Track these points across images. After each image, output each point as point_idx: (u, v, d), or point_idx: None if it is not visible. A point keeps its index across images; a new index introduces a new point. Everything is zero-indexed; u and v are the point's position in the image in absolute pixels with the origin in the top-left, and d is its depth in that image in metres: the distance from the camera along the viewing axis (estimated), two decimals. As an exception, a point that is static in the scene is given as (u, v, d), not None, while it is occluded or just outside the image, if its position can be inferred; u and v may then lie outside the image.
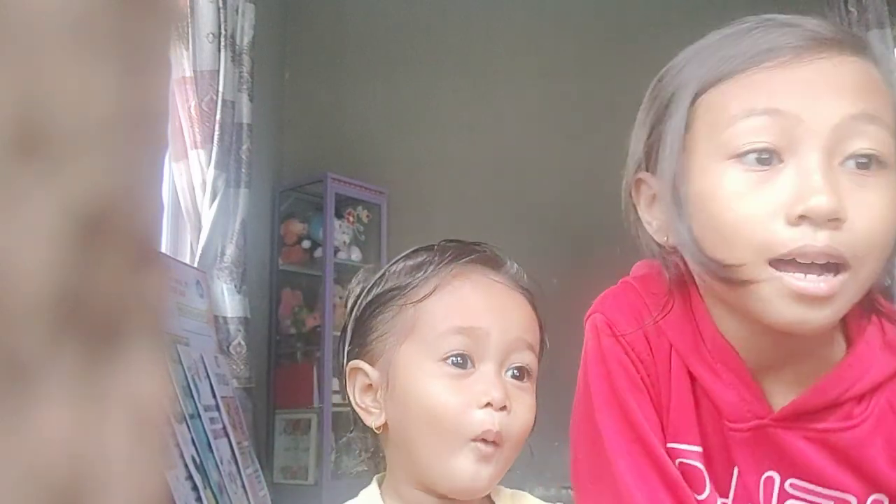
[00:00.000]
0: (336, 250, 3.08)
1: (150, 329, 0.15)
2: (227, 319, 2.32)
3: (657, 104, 0.64)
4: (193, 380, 1.76)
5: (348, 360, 0.72)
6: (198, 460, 1.63)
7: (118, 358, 0.14)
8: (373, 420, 0.69)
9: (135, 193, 0.14)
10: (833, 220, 0.52)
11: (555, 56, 3.58)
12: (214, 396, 1.88)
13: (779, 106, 0.55)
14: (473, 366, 0.66)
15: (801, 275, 0.54)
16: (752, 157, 0.55)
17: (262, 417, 2.81)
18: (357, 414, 0.70)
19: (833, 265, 0.54)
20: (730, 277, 0.57)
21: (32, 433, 0.12)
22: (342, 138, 3.33)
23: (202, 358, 1.89)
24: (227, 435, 1.88)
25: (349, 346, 0.73)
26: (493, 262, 0.73)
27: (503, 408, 0.64)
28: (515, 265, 0.75)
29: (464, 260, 0.71)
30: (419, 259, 0.72)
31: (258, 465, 2.14)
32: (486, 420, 0.64)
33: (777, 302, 0.55)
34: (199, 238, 2.27)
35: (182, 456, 1.55)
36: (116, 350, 0.14)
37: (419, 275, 0.70)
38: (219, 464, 1.75)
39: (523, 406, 0.67)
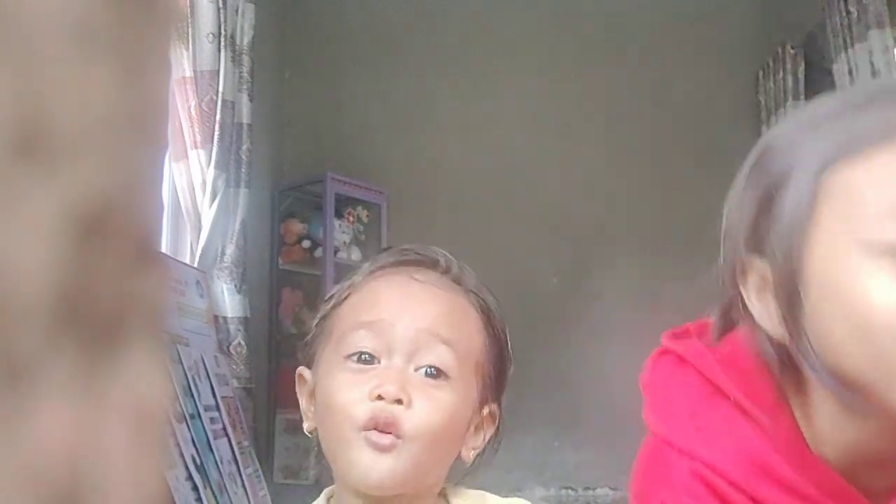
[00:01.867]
0: (336, 250, 3.08)
1: (150, 329, 0.15)
2: (227, 319, 2.32)
3: (767, 178, 0.56)
4: (193, 380, 1.76)
5: (301, 363, 0.74)
6: (198, 460, 1.63)
7: (118, 358, 0.14)
8: (306, 424, 0.70)
9: (135, 193, 0.14)
10: None
11: (554, 56, 3.58)
12: (214, 396, 1.88)
13: None
14: (379, 362, 0.65)
15: None
16: None
17: (263, 417, 2.81)
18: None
19: None
20: (865, 375, 0.50)
21: (32, 433, 0.12)
22: (342, 138, 3.33)
23: (202, 358, 1.89)
24: (227, 435, 1.88)
25: (303, 353, 0.74)
26: (424, 266, 0.71)
27: (398, 401, 0.63)
28: (457, 269, 0.72)
29: (391, 262, 0.71)
30: (360, 265, 0.74)
31: (258, 465, 2.14)
32: (374, 407, 0.62)
33: None
34: (199, 238, 2.27)
35: (182, 456, 1.55)
36: (116, 350, 0.14)
37: (348, 280, 0.72)
38: (219, 464, 1.75)
39: (430, 403, 0.64)
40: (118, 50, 0.14)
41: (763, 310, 0.55)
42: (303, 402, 0.72)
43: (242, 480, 1.89)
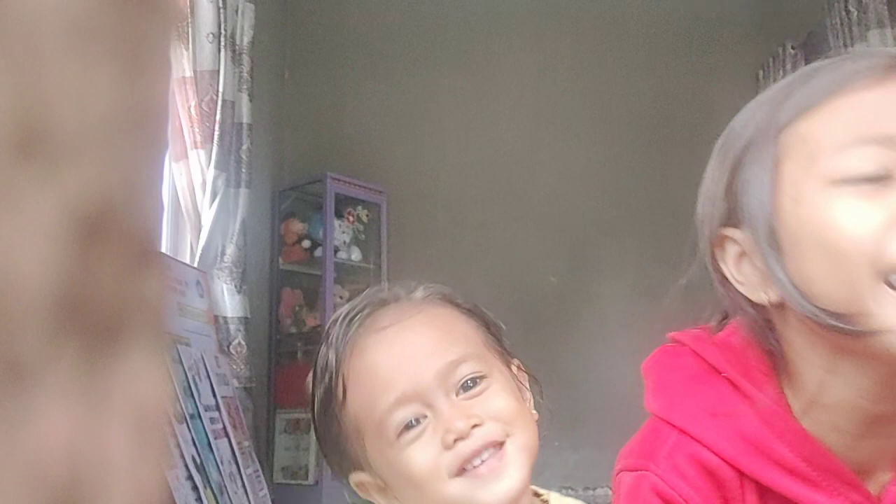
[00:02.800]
0: (336, 250, 3.08)
1: (150, 329, 0.15)
2: (227, 319, 2.32)
3: (732, 154, 0.60)
4: (194, 380, 1.76)
5: (343, 474, 0.71)
6: (198, 460, 1.63)
7: (118, 358, 0.14)
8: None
9: (135, 194, 0.14)
10: None
11: (554, 56, 3.58)
12: (215, 396, 1.88)
13: (884, 132, 0.51)
14: (426, 417, 0.64)
15: None
16: (863, 181, 0.52)
17: (263, 417, 2.81)
18: None
19: None
20: (841, 308, 0.52)
21: (32, 434, 0.12)
22: (342, 138, 3.33)
23: (202, 358, 1.89)
24: (227, 435, 1.88)
25: (332, 461, 0.72)
26: (377, 308, 0.69)
27: (474, 426, 0.62)
28: (401, 290, 0.71)
29: (350, 333, 0.68)
30: (320, 357, 0.70)
31: (258, 465, 2.14)
32: (459, 452, 0.62)
33: None
34: (199, 238, 2.27)
35: (182, 456, 1.55)
36: (117, 350, 0.14)
37: (327, 379, 0.68)
38: (219, 464, 1.75)
39: (490, 402, 0.64)
40: (118, 50, 0.14)
41: (743, 278, 0.58)
42: (382, 502, 0.70)
43: (242, 480, 1.89)
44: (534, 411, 0.70)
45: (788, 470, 0.56)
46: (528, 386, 0.72)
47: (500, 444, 0.63)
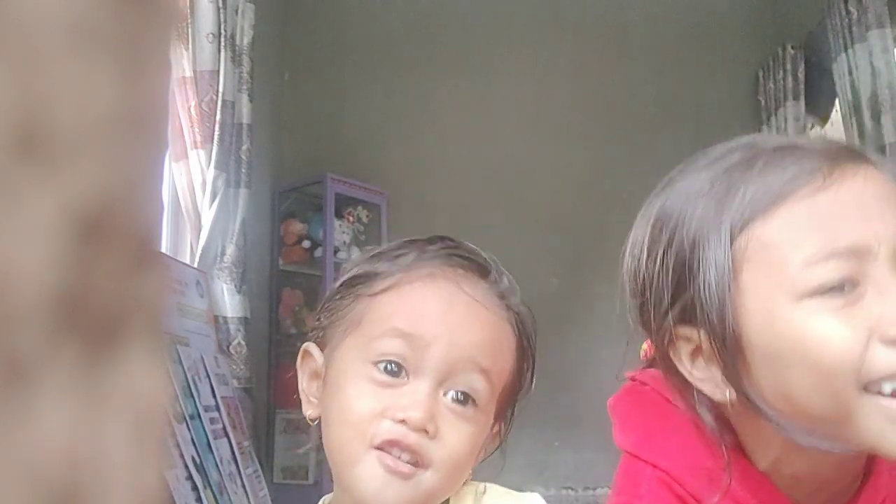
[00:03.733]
0: (336, 250, 3.09)
1: (150, 329, 0.15)
2: (227, 319, 2.32)
3: (676, 247, 0.59)
4: (193, 380, 1.76)
5: (307, 336, 0.68)
6: (198, 460, 1.63)
7: (118, 358, 0.14)
8: (309, 411, 0.66)
9: (135, 194, 0.14)
10: None
11: (554, 57, 3.58)
12: (214, 396, 1.88)
13: (848, 244, 0.52)
14: (407, 377, 0.60)
15: None
16: (833, 292, 0.52)
17: (263, 417, 2.81)
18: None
19: None
20: (824, 417, 0.53)
21: (32, 434, 0.12)
22: (342, 138, 3.33)
23: (202, 358, 1.89)
24: (227, 435, 1.88)
25: (311, 326, 0.68)
26: (474, 273, 0.65)
27: (424, 431, 0.58)
28: (506, 282, 0.67)
29: (440, 262, 0.64)
30: (401, 251, 0.66)
31: (258, 465, 2.14)
32: (393, 430, 0.58)
33: (881, 429, 0.51)
34: (199, 238, 2.27)
35: (182, 456, 1.55)
36: (116, 350, 0.14)
37: (387, 267, 0.64)
38: (219, 464, 1.75)
39: (457, 434, 0.60)
40: (118, 50, 0.14)
41: (701, 374, 0.58)
42: (304, 381, 0.67)
43: (242, 480, 1.89)
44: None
45: None
46: (486, 449, 0.67)
47: (420, 467, 0.59)
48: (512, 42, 3.56)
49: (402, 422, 0.58)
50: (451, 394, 0.61)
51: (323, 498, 0.68)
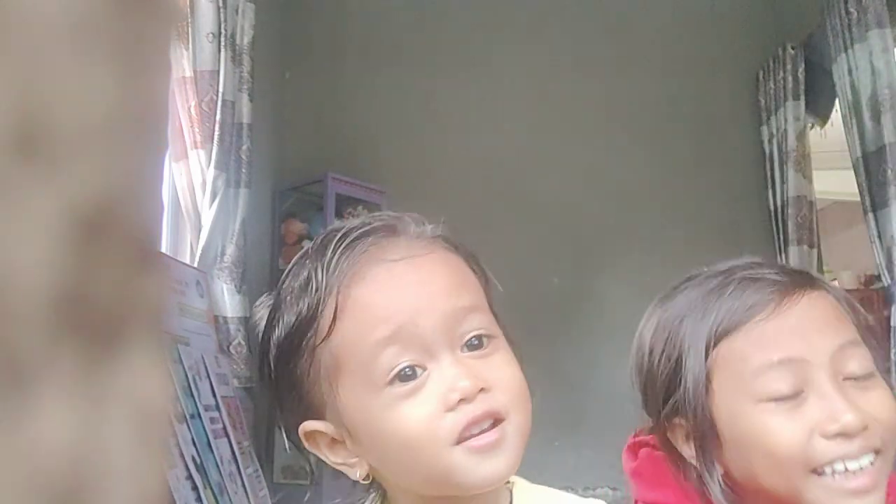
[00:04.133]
0: (336, 250, 3.08)
1: (150, 329, 0.15)
2: (227, 319, 2.32)
3: (668, 356, 0.75)
4: (194, 380, 1.76)
5: (294, 423, 0.62)
6: (198, 460, 1.63)
7: (119, 358, 0.14)
8: (357, 473, 0.61)
9: (135, 194, 0.14)
10: (863, 431, 0.66)
11: (554, 57, 3.58)
12: (215, 396, 1.88)
13: (788, 355, 0.68)
14: (424, 369, 0.57)
15: (850, 463, 0.66)
16: (782, 399, 0.68)
17: (263, 417, 2.81)
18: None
19: (871, 457, 0.67)
20: (779, 494, 0.68)
21: (32, 434, 0.12)
22: (342, 138, 3.33)
23: (202, 358, 1.89)
24: (227, 435, 1.88)
25: (284, 407, 0.62)
26: (387, 237, 0.61)
27: (481, 390, 0.56)
28: (411, 220, 0.64)
29: (349, 257, 0.59)
30: (303, 275, 0.60)
31: (258, 465, 2.14)
32: (461, 415, 0.55)
33: (839, 501, 0.66)
34: (199, 238, 2.27)
35: (182, 456, 1.55)
36: (117, 350, 0.14)
37: (308, 301, 0.59)
38: (219, 464, 1.75)
39: (501, 368, 0.58)
40: (118, 50, 0.14)
41: (691, 454, 0.74)
42: (328, 456, 0.62)
43: (242, 480, 1.89)
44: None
45: None
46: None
47: (501, 420, 0.57)
48: (513, 42, 3.56)
49: (461, 401, 0.55)
50: (466, 346, 0.58)
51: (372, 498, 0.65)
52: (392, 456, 0.58)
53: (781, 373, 0.68)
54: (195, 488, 1.56)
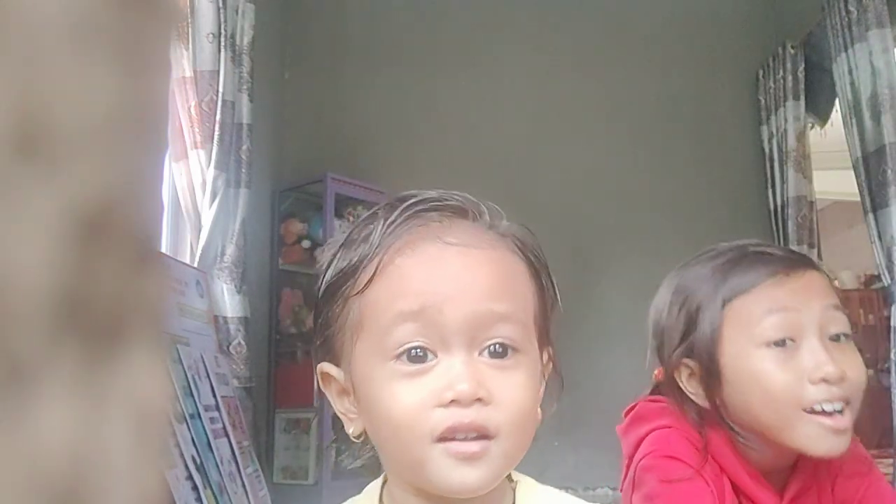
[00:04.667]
0: (336, 250, 3.08)
1: (150, 329, 0.15)
2: (227, 319, 2.32)
3: (686, 309, 0.90)
4: (193, 380, 1.76)
5: (316, 361, 0.63)
6: (198, 460, 1.63)
7: (119, 358, 0.14)
8: (352, 428, 0.61)
9: (135, 193, 0.14)
10: (840, 381, 0.81)
11: (555, 56, 3.58)
12: (214, 396, 1.88)
13: (781, 306, 0.84)
14: (435, 356, 0.55)
15: (826, 405, 0.82)
16: (776, 345, 0.83)
17: (263, 417, 2.81)
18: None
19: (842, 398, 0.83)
20: (770, 426, 0.84)
21: (32, 433, 0.12)
22: (342, 138, 3.33)
23: (202, 358, 1.89)
24: (227, 435, 1.88)
25: (316, 342, 0.63)
26: (453, 217, 0.61)
27: (478, 399, 0.54)
28: (487, 210, 0.63)
29: (410, 225, 0.59)
30: (367, 227, 0.60)
31: (258, 465, 2.14)
32: (448, 415, 0.54)
33: (815, 436, 0.82)
34: (199, 238, 2.27)
35: (182, 456, 1.55)
36: (117, 350, 0.14)
37: (360, 254, 0.59)
38: (219, 464, 1.75)
39: (511, 388, 0.56)
40: (118, 50, 0.14)
41: (693, 390, 0.90)
42: (334, 402, 0.62)
43: (242, 480, 1.89)
44: (539, 409, 0.62)
45: (747, 472, 0.89)
46: (546, 380, 0.64)
47: (487, 437, 0.55)
48: (513, 42, 3.56)
49: (453, 402, 0.54)
50: (487, 351, 0.56)
51: (371, 484, 0.65)
52: (378, 427, 0.58)
53: (778, 320, 0.83)
54: (195, 488, 1.56)
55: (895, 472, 2.63)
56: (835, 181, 4.36)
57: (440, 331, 0.55)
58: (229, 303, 2.33)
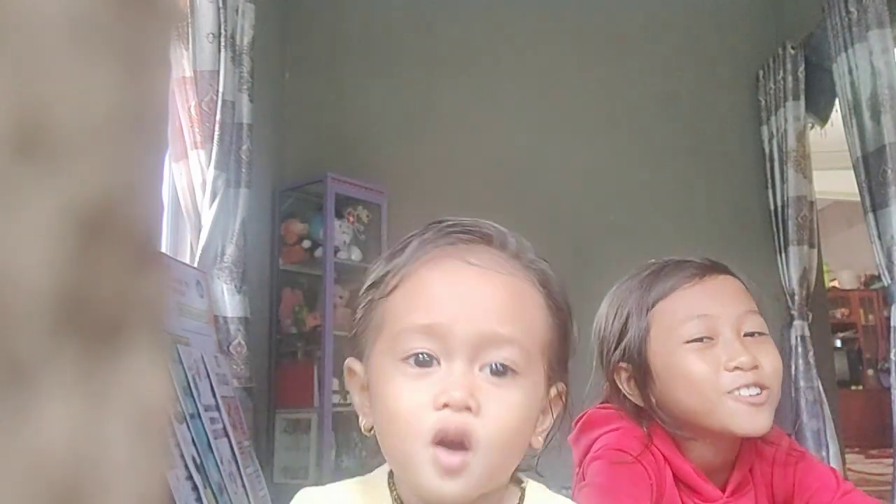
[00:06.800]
0: (336, 250, 3.08)
1: (150, 329, 0.15)
2: (227, 319, 2.32)
3: (618, 319, 1.00)
4: (194, 380, 1.76)
5: (346, 355, 0.69)
6: (198, 460, 1.63)
7: (119, 358, 0.14)
8: (363, 422, 0.66)
9: (135, 193, 0.14)
10: (754, 369, 0.91)
11: (555, 56, 3.58)
12: (215, 396, 1.88)
13: (705, 312, 0.94)
14: (439, 364, 0.60)
15: (743, 391, 0.91)
16: (696, 341, 0.93)
17: (263, 417, 2.81)
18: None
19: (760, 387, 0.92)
20: (696, 412, 0.92)
21: (33, 433, 0.12)
22: (342, 138, 3.33)
23: (202, 358, 1.89)
24: (227, 435, 1.88)
25: (350, 344, 0.69)
26: (478, 243, 0.65)
27: (467, 408, 0.57)
28: (514, 241, 0.67)
29: (441, 243, 0.64)
30: (402, 245, 0.67)
31: (258, 465, 2.14)
32: (439, 418, 0.57)
33: (736, 413, 0.90)
34: (199, 238, 2.27)
35: (182, 456, 1.55)
36: (117, 350, 0.14)
37: (393, 263, 0.65)
38: (219, 464, 1.75)
39: (500, 406, 0.59)
40: (118, 50, 0.14)
41: (630, 391, 0.98)
42: (356, 398, 0.67)
43: (242, 480, 1.89)
44: (539, 442, 0.65)
45: (686, 462, 0.96)
46: (553, 415, 0.67)
47: (467, 448, 0.58)
48: (513, 42, 3.56)
49: (446, 406, 0.57)
50: (488, 368, 0.60)
51: (381, 468, 0.68)
52: (381, 421, 0.62)
53: (699, 324, 0.93)
54: (195, 488, 1.56)
55: (895, 471, 2.63)
56: (835, 181, 4.36)
57: (447, 344, 0.60)
58: (229, 303, 2.33)
